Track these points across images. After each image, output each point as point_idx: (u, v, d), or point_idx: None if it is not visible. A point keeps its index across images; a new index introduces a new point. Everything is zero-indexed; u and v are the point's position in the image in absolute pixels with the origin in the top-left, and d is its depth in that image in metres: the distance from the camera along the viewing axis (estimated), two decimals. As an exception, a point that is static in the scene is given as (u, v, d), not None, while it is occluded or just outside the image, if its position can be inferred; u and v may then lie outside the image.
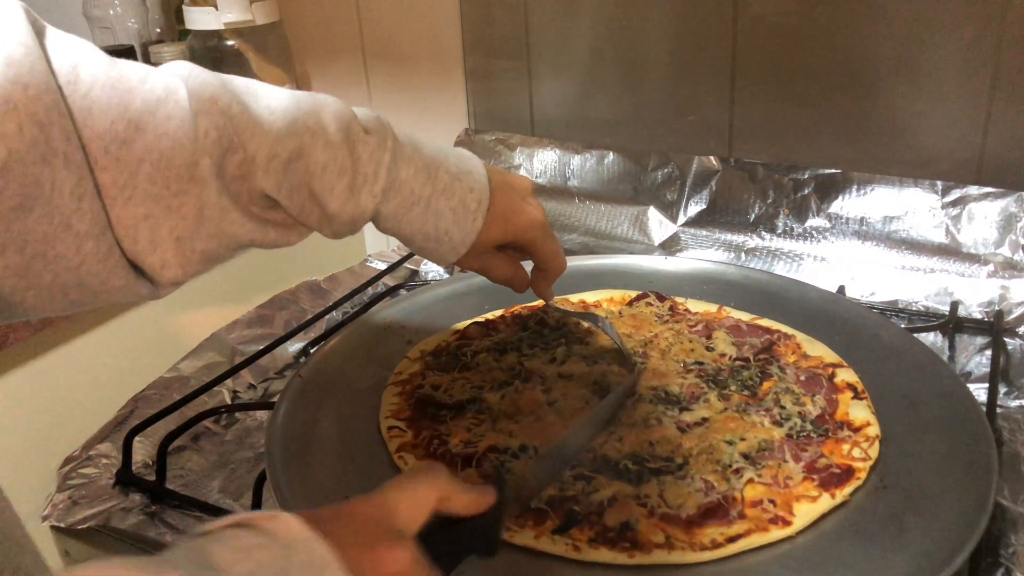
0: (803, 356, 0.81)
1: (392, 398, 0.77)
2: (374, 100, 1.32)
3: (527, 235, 0.69)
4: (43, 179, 0.47)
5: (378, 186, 0.59)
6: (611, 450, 0.68)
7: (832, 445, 0.69)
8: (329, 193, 0.57)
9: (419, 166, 0.61)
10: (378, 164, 0.58)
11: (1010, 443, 0.74)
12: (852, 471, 0.66)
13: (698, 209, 1.10)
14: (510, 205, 0.67)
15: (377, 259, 1.16)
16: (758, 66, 1.05)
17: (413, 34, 1.25)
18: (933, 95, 0.98)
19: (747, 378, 0.77)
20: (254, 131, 0.54)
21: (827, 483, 0.65)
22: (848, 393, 0.75)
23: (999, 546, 0.64)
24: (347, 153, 0.57)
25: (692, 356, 0.80)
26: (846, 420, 0.72)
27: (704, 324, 0.86)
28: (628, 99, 1.15)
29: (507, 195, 0.67)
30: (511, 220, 0.67)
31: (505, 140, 1.21)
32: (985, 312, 0.92)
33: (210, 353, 0.95)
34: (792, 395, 0.74)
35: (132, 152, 0.51)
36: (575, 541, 0.61)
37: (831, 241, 1.03)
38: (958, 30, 0.94)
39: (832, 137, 1.04)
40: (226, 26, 1.21)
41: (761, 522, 0.62)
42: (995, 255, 0.95)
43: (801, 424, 0.71)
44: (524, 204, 0.69)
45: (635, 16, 1.10)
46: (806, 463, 0.66)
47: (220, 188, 0.54)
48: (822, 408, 0.73)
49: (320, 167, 0.56)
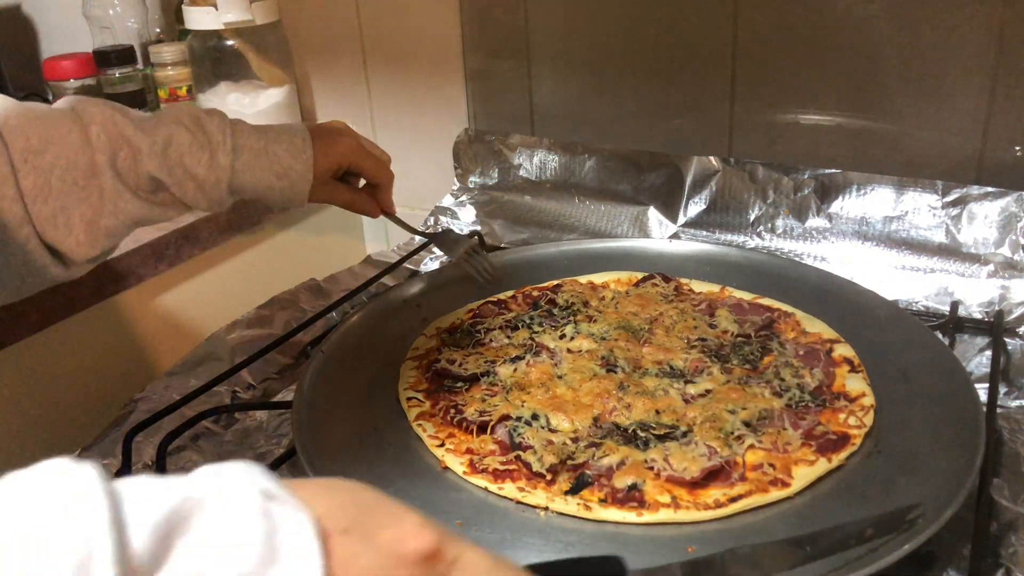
0: (802, 332, 0.85)
1: (410, 371, 0.83)
2: (374, 100, 1.32)
3: (348, 158, 0.85)
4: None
5: (228, 146, 0.76)
6: (620, 418, 0.73)
7: (829, 414, 0.73)
8: (197, 163, 0.74)
9: (251, 130, 0.79)
10: (224, 133, 0.76)
11: (1010, 443, 0.74)
12: (848, 437, 0.70)
13: (698, 209, 1.09)
14: (328, 140, 0.84)
15: (377, 259, 1.16)
16: (758, 66, 1.05)
17: (413, 34, 1.25)
18: (933, 95, 0.98)
19: (748, 353, 0.81)
20: (134, 131, 0.71)
21: (824, 448, 0.69)
22: (845, 367, 0.79)
23: (999, 546, 0.64)
24: (201, 131, 0.75)
25: (696, 333, 0.85)
26: (843, 391, 0.76)
27: (707, 303, 0.90)
28: (628, 99, 1.15)
29: (323, 133, 0.84)
30: (332, 149, 0.84)
31: (505, 140, 1.20)
32: (985, 312, 0.92)
33: (210, 353, 0.95)
34: (791, 368, 0.79)
35: (44, 159, 0.67)
36: (586, 501, 0.65)
37: (831, 241, 1.03)
38: (958, 30, 0.94)
39: (832, 137, 1.04)
40: (226, 26, 1.21)
41: (761, 484, 0.66)
42: (995, 255, 0.95)
43: (800, 395, 0.75)
44: (339, 136, 0.85)
45: (635, 16, 1.10)
46: (804, 430, 0.70)
47: (114, 176, 0.71)
48: (820, 380, 0.77)
49: (187, 145, 0.74)
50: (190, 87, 1.31)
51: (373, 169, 0.89)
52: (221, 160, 0.76)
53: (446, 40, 1.22)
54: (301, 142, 0.81)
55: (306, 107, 1.36)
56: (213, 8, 1.20)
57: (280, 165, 0.80)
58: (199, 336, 0.98)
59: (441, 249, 1.04)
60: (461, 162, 1.24)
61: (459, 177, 1.25)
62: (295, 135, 0.81)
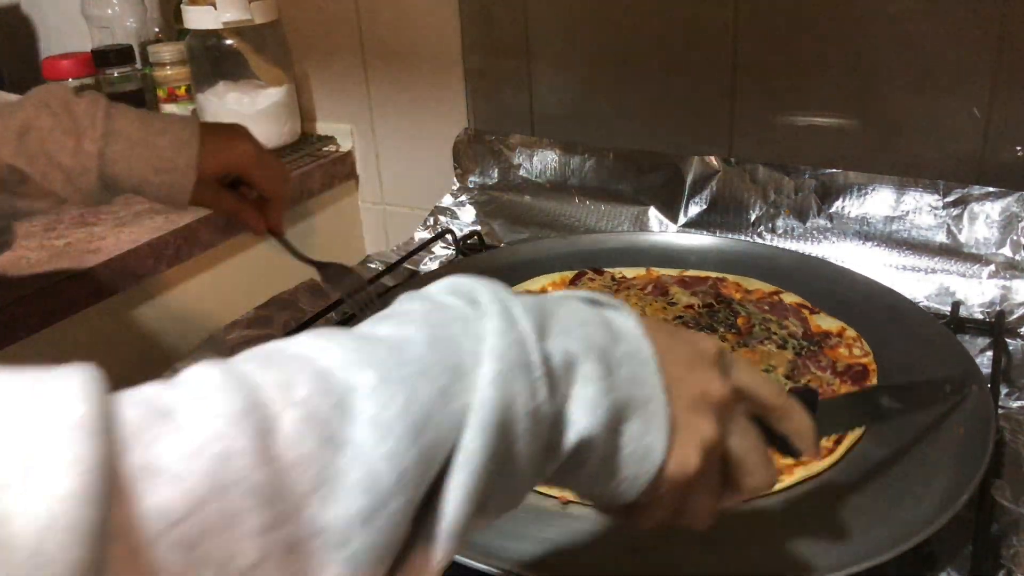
0: (745, 292, 0.89)
1: None
2: (373, 99, 1.32)
3: (240, 163, 0.79)
4: None
5: (97, 132, 0.70)
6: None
7: (830, 352, 0.77)
8: (61, 150, 0.69)
9: (134, 117, 0.73)
10: (93, 117, 0.70)
11: (1011, 444, 0.74)
12: (865, 367, 0.75)
13: (698, 209, 1.09)
14: (220, 140, 0.77)
15: (376, 259, 1.15)
16: (759, 66, 1.05)
17: (412, 33, 1.25)
18: (934, 94, 0.98)
19: (724, 319, 0.84)
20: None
21: (857, 379, 0.74)
22: (805, 311, 0.85)
23: (1000, 547, 0.63)
24: (67, 114, 0.70)
25: (668, 313, 0.86)
26: (822, 330, 0.81)
27: (652, 285, 0.91)
28: (628, 99, 1.14)
29: (217, 133, 0.78)
30: (222, 150, 0.77)
31: (505, 140, 1.20)
32: (986, 312, 0.92)
33: (209, 353, 0.95)
34: (772, 323, 0.82)
35: None
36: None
37: (832, 241, 1.02)
38: (959, 29, 0.94)
39: (833, 137, 1.04)
40: (225, 25, 1.21)
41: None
42: (996, 255, 0.94)
43: (798, 343, 0.79)
44: (235, 139, 0.79)
45: (635, 15, 1.10)
46: (830, 370, 0.75)
47: None
48: (801, 327, 0.81)
49: (48, 131, 0.69)
50: (189, 87, 1.31)
51: (266, 180, 0.82)
52: (87, 147, 0.70)
53: (446, 39, 1.22)
54: (188, 135, 0.74)
55: (305, 107, 1.36)
56: (212, 7, 1.20)
57: (160, 158, 0.73)
58: (198, 336, 0.98)
59: (325, 282, 0.93)
60: (461, 162, 1.24)
61: (459, 177, 1.25)
62: (183, 128, 0.75)
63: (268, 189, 0.82)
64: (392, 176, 1.36)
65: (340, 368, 0.33)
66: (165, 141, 0.73)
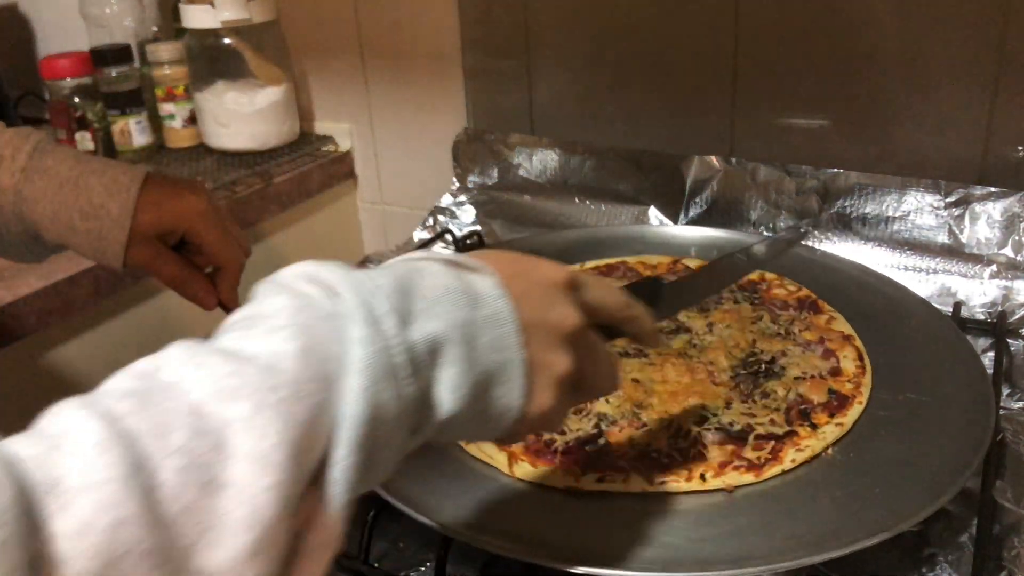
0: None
1: None
2: (372, 98, 1.32)
3: (185, 222, 0.66)
4: None
5: (16, 165, 0.62)
6: (728, 357, 0.79)
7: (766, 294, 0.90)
8: None
9: (68, 155, 0.64)
10: (16, 149, 0.63)
11: (1013, 445, 0.74)
12: (850, 338, 0.82)
13: (699, 210, 1.09)
14: (166, 191, 0.66)
15: (376, 259, 1.15)
16: (760, 66, 1.05)
17: (411, 32, 1.24)
18: (935, 94, 0.97)
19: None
20: None
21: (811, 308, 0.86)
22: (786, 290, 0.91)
23: (1002, 548, 0.63)
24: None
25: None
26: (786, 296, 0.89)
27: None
28: (628, 98, 1.14)
29: (164, 184, 0.67)
30: (166, 204, 0.65)
31: (505, 140, 1.20)
32: (988, 313, 0.92)
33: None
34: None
35: None
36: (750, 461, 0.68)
37: (833, 242, 1.02)
38: (960, 29, 0.94)
39: (834, 137, 1.04)
40: (223, 24, 1.21)
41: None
42: (998, 256, 0.94)
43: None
44: (184, 191, 0.67)
45: (636, 15, 1.10)
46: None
47: None
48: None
49: None
50: (187, 86, 1.30)
51: (217, 244, 0.69)
52: (3, 180, 0.62)
53: (445, 39, 1.22)
54: (128, 180, 0.64)
55: (304, 106, 1.36)
56: (210, 6, 1.20)
57: (89, 202, 0.63)
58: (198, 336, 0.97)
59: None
60: (460, 161, 1.24)
61: (458, 177, 1.24)
62: (124, 172, 0.65)
63: (220, 255, 0.70)
64: (391, 176, 1.36)
65: (214, 400, 0.33)
66: (99, 183, 0.63)
